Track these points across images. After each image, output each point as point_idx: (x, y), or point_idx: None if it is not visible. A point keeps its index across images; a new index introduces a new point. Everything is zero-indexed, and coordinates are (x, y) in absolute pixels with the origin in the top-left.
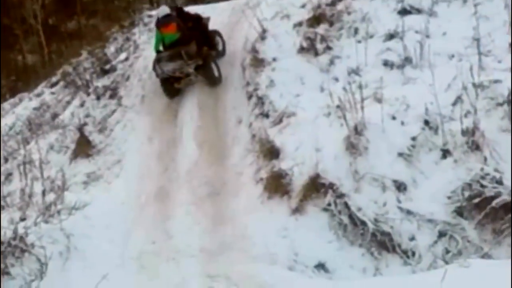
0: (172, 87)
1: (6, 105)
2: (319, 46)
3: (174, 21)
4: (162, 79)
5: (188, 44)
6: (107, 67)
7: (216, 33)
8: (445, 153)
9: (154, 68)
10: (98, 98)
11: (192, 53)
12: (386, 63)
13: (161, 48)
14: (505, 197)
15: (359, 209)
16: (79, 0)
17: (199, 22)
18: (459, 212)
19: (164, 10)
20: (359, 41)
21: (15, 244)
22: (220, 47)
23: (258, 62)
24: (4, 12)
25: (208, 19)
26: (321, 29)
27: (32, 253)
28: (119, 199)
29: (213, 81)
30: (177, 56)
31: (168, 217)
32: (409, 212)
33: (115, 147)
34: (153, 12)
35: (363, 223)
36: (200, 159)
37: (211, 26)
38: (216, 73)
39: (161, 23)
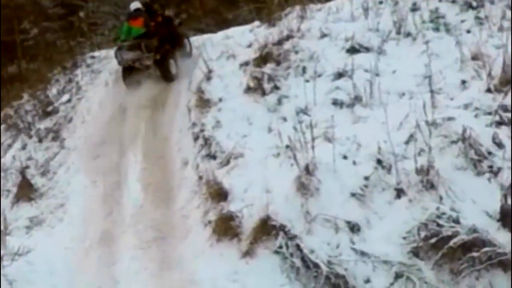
0: (131, 76)
1: None
2: (267, 86)
3: (142, 17)
4: (123, 68)
5: (150, 39)
6: (49, 109)
7: (184, 35)
8: (399, 192)
9: (115, 55)
10: (40, 140)
11: (151, 46)
12: (336, 102)
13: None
14: (463, 237)
15: (312, 251)
16: (19, 44)
17: (169, 21)
18: (415, 252)
19: (136, 4)
20: (307, 80)
21: None
22: (187, 49)
23: (204, 103)
24: None
25: (179, 23)
26: (268, 68)
27: None
28: (62, 244)
29: (168, 78)
30: (137, 47)
31: (114, 262)
32: (363, 254)
33: (58, 191)
34: (96, 53)
35: (316, 265)
36: (145, 202)
37: None
38: (173, 71)
39: (131, 16)
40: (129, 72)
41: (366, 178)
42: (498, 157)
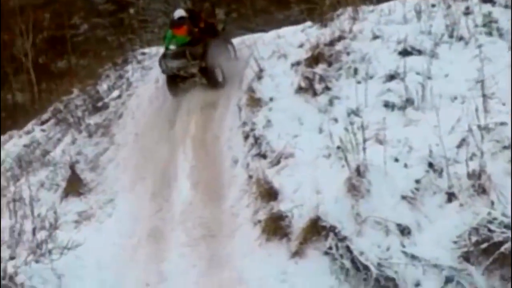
0: (176, 85)
1: None
2: (318, 86)
3: (186, 25)
4: (168, 76)
5: (195, 46)
6: (99, 104)
7: (228, 41)
8: (450, 196)
9: (160, 64)
10: (90, 135)
11: (196, 54)
12: (387, 104)
13: (171, 46)
14: None
15: (362, 253)
16: (69, 40)
17: (212, 27)
18: (465, 257)
19: (180, 12)
20: (359, 82)
21: (5, 283)
22: (231, 54)
23: (254, 102)
24: None
25: (222, 28)
26: (320, 69)
27: None
28: (111, 239)
29: (215, 85)
30: (182, 55)
31: (162, 259)
32: (413, 257)
33: (107, 186)
34: (146, 50)
35: (366, 267)
36: (194, 200)
37: None
38: (219, 78)
39: (174, 24)
40: (174, 81)
41: (417, 181)
42: None
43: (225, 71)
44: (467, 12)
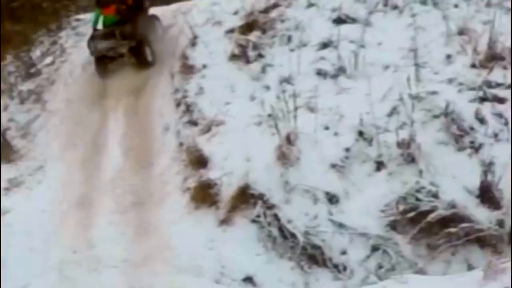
0: (105, 66)
1: None
2: (251, 54)
3: (115, 3)
4: (97, 57)
5: (124, 25)
6: (32, 70)
7: (155, 17)
8: (379, 165)
9: (88, 45)
10: (22, 102)
11: (126, 33)
12: (320, 73)
13: (99, 27)
14: (441, 212)
15: (289, 221)
16: (3, 6)
17: (140, 2)
18: (393, 226)
19: None
20: (292, 50)
21: None
22: (160, 31)
23: (187, 69)
24: None
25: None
26: (254, 36)
27: None
28: (40, 206)
29: (145, 64)
30: (111, 35)
31: (91, 226)
32: (341, 225)
33: (38, 153)
34: (81, 16)
35: (293, 235)
36: (125, 167)
37: None
38: (149, 57)
39: (102, 3)
40: (103, 62)
41: (347, 150)
42: (480, 133)
43: (155, 49)
44: None
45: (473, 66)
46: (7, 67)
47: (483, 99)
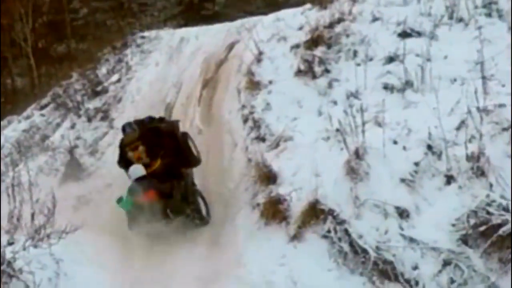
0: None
1: None
2: (317, 69)
3: (153, 187)
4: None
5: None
6: (99, 88)
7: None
8: (449, 179)
9: (129, 227)
10: (89, 120)
11: (178, 208)
12: (387, 87)
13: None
14: None
15: (360, 237)
16: (69, 24)
17: (179, 148)
18: (464, 240)
19: (138, 170)
20: (358, 64)
21: (3, 269)
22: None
23: (254, 85)
24: None
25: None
26: (319, 51)
27: (20, 279)
28: (109, 224)
29: (201, 223)
30: (162, 213)
31: (160, 241)
32: (412, 240)
33: (106, 170)
34: (146, 34)
35: (364, 251)
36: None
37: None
38: (203, 211)
39: (134, 191)
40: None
41: (416, 164)
42: None
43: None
44: None
45: None
46: (73, 85)
47: None
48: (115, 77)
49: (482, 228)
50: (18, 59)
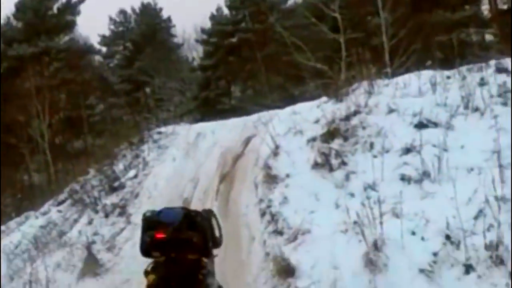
0: None
1: (12, 223)
2: (334, 162)
3: None
4: None
5: None
6: (116, 184)
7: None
8: (468, 268)
9: None
10: (106, 215)
11: None
12: (404, 178)
13: None
14: None
15: None
16: (86, 120)
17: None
18: None
19: None
20: (375, 156)
21: None
22: None
23: (271, 179)
24: (11, 131)
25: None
26: (336, 144)
27: None
28: None
29: None
30: None
31: None
32: None
33: (124, 266)
34: (163, 129)
35: None
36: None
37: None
38: None
39: None
40: None
41: (435, 254)
42: None
43: None
44: (482, 82)
45: None
46: (90, 181)
47: None
48: (132, 173)
49: None
50: (35, 155)
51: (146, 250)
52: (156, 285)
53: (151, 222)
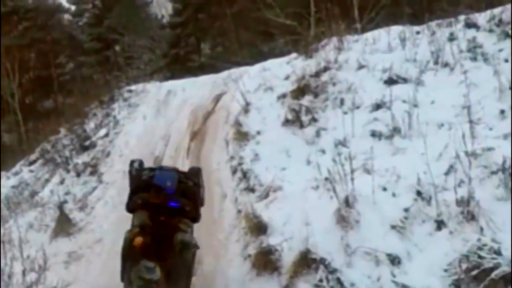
0: None
1: None
2: (304, 118)
3: None
4: None
5: None
6: (87, 143)
7: None
8: (440, 224)
9: None
10: (78, 175)
11: None
12: (374, 134)
13: None
14: (505, 268)
15: (352, 285)
16: (56, 79)
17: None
18: (457, 285)
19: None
20: (346, 112)
21: None
22: None
23: (241, 136)
24: None
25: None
26: (306, 100)
27: None
28: (101, 280)
29: None
30: None
31: None
32: (404, 286)
33: (96, 225)
34: (133, 87)
35: None
36: None
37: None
38: None
39: None
40: None
41: (406, 210)
42: None
43: None
44: (452, 38)
45: None
46: (61, 140)
47: None
48: (103, 132)
49: (474, 272)
50: (5, 115)
51: (133, 209)
52: (144, 248)
53: (144, 183)
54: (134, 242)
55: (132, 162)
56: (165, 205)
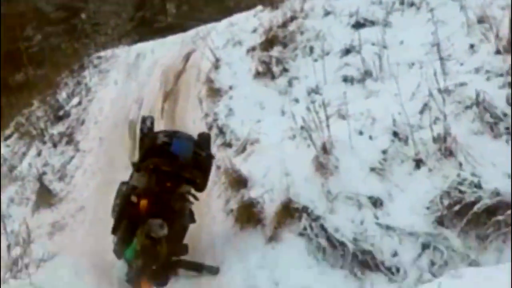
0: None
1: None
2: (275, 69)
3: None
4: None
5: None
6: (61, 113)
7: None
8: (418, 163)
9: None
10: (54, 145)
11: None
12: (346, 79)
13: None
14: (486, 201)
15: (337, 230)
16: (24, 51)
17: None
18: (440, 221)
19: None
20: (316, 60)
21: None
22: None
23: (214, 92)
24: None
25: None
26: (275, 51)
27: None
28: (86, 246)
29: None
30: None
31: None
32: (388, 228)
33: (77, 194)
34: (102, 53)
35: (342, 244)
36: None
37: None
38: None
39: None
40: None
41: (384, 152)
42: None
43: None
44: None
45: (498, 52)
46: (35, 112)
47: None
48: (75, 100)
49: (456, 208)
50: None
51: (139, 170)
52: (147, 211)
53: (159, 148)
54: (140, 205)
55: (144, 119)
56: (176, 174)
